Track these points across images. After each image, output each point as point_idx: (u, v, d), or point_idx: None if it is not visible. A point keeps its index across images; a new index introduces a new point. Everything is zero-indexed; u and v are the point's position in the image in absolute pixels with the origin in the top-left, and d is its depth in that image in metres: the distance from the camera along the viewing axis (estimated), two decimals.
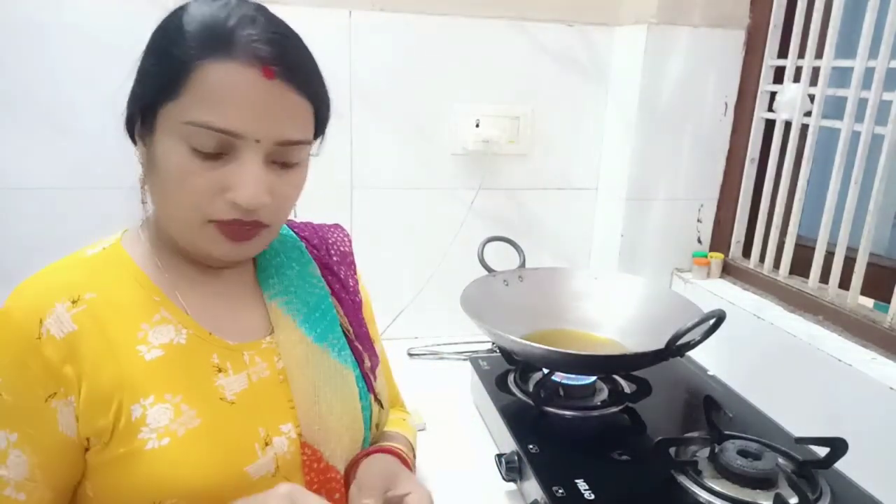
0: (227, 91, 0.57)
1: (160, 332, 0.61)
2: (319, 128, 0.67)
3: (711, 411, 0.89)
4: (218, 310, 0.67)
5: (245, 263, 0.72)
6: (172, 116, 0.57)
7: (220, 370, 0.63)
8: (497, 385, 1.05)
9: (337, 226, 0.87)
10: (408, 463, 0.75)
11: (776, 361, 1.06)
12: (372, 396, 0.75)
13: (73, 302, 0.58)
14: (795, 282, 1.15)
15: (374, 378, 0.77)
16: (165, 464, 0.57)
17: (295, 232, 0.80)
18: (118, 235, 0.67)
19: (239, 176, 0.58)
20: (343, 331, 0.75)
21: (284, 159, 0.62)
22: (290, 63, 0.60)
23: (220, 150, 0.58)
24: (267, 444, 0.63)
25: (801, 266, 1.14)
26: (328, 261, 0.80)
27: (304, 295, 0.73)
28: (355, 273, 0.84)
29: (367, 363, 0.76)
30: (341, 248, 0.84)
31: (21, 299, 0.59)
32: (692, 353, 0.96)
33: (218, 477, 0.59)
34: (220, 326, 0.65)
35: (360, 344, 0.76)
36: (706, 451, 0.86)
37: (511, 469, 0.87)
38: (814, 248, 1.10)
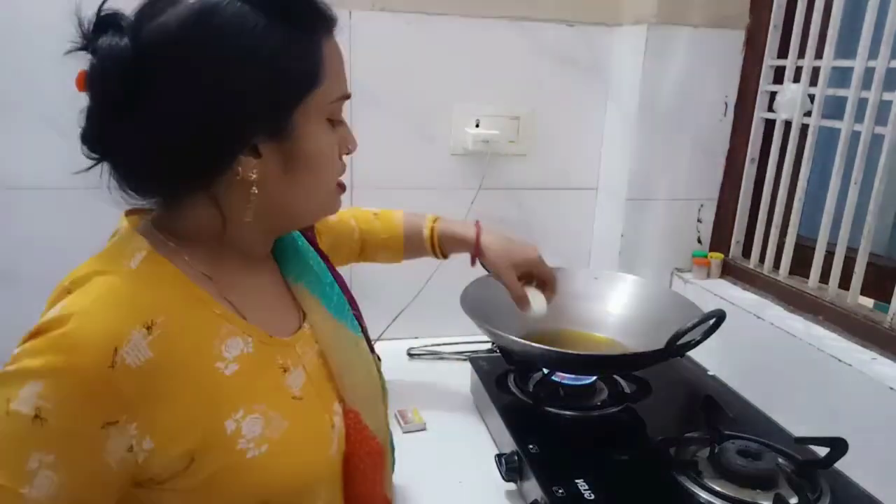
0: (338, 59, 0.62)
1: (231, 345, 0.60)
2: None
3: (711, 411, 0.89)
4: (264, 306, 0.67)
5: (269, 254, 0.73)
6: (319, 102, 0.60)
7: (284, 370, 0.64)
8: (497, 385, 1.05)
9: None
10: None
11: (776, 361, 1.06)
12: (375, 356, 0.80)
13: (148, 329, 0.54)
14: (795, 282, 1.15)
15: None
16: (269, 467, 0.59)
17: None
18: (143, 243, 0.60)
19: (345, 129, 0.67)
20: (345, 301, 0.78)
21: None
22: None
23: (339, 117, 0.65)
24: (332, 427, 0.67)
25: (801, 266, 1.14)
26: (310, 238, 0.81)
27: (315, 271, 0.74)
28: (314, 233, 0.87)
29: (365, 325, 0.81)
30: (307, 235, 0.85)
31: (92, 324, 0.52)
32: (692, 353, 0.96)
33: (312, 467, 0.64)
34: (271, 324, 0.66)
35: (355, 310, 0.80)
36: (706, 451, 0.86)
37: (511, 469, 0.87)
38: (814, 248, 1.10)
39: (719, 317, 0.86)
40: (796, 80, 1.15)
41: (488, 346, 1.30)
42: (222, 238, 0.63)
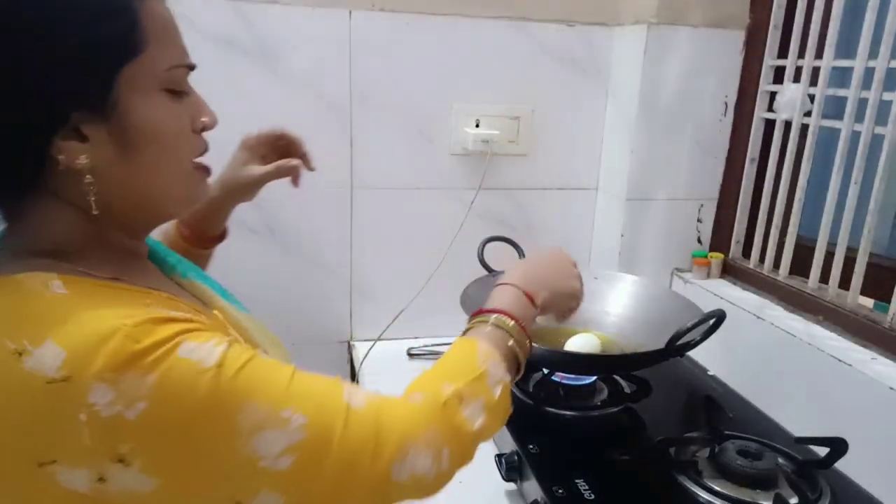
0: (171, 24, 0.56)
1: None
2: None
3: (711, 411, 0.89)
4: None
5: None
6: (145, 71, 0.53)
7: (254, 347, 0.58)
8: None
9: None
10: None
11: (776, 361, 1.06)
12: None
13: None
14: (795, 282, 1.15)
15: None
16: None
17: None
18: (33, 272, 0.50)
19: (197, 101, 0.59)
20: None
21: None
22: None
23: (183, 87, 0.57)
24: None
25: (801, 266, 1.14)
26: None
27: (190, 265, 0.70)
28: None
29: None
30: None
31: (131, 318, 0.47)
32: (692, 353, 0.96)
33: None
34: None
35: None
36: (706, 451, 0.86)
37: (511, 469, 0.87)
38: (814, 248, 1.10)
39: (719, 317, 0.86)
40: (796, 80, 1.15)
41: None
42: (100, 239, 0.56)
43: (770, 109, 1.22)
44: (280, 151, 0.91)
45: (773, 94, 1.21)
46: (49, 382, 0.44)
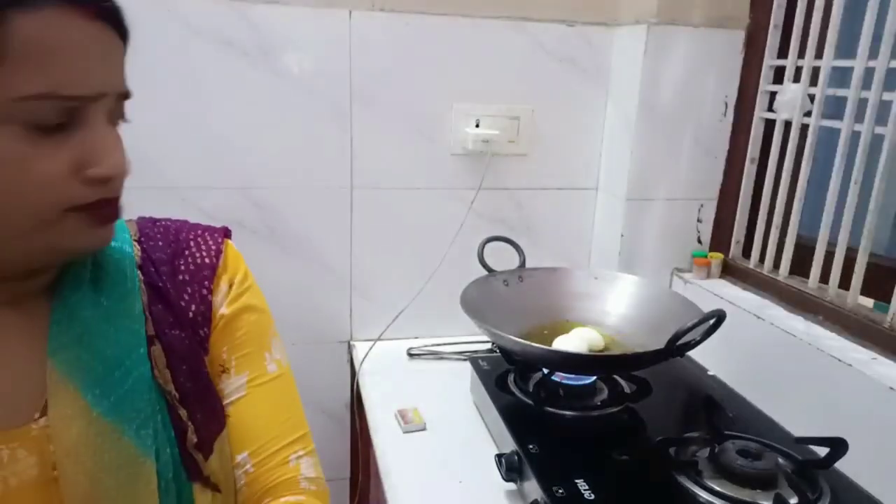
0: (54, 45, 0.44)
1: None
2: None
3: (711, 411, 0.89)
4: None
5: (36, 303, 0.53)
6: None
7: None
8: (497, 385, 1.05)
9: (216, 230, 0.66)
10: None
11: (776, 361, 1.06)
12: (197, 485, 0.57)
13: None
14: (795, 282, 1.15)
15: (209, 453, 0.58)
16: None
17: (141, 241, 0.60)
18: None
19: (95, 143, 0.48)
20: (162, 393, 0.56)
21: (119, 117, 0.51)
22: None
23: (63, 120, 0.46)
24: None
25: (801, 266, 1.14)
26: (163, 284, 0.59)
27: (101, 345, 0.53)
28: (210, 291, 0.62)
29: (194, 438, 0.57)
30: (198, 261, 0.62)
31: None
32: (692, 353, 0.96)
33: None
34: None
35: (186, 410, 0.57)
36: (706, 451, 0.86)
37: (511, 469, 0.87)
38: (814, 248, 1.10)
39: (719, 317, 0.86)
40: (796, 80, 1.15)
41: (488, 346, 1.30)
42: None
43: (770, 109, 1.22)
44: None
45: (773, 94, 1.21)
46: None
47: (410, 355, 1.31)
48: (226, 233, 0.67)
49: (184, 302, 0.60)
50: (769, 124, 1.23)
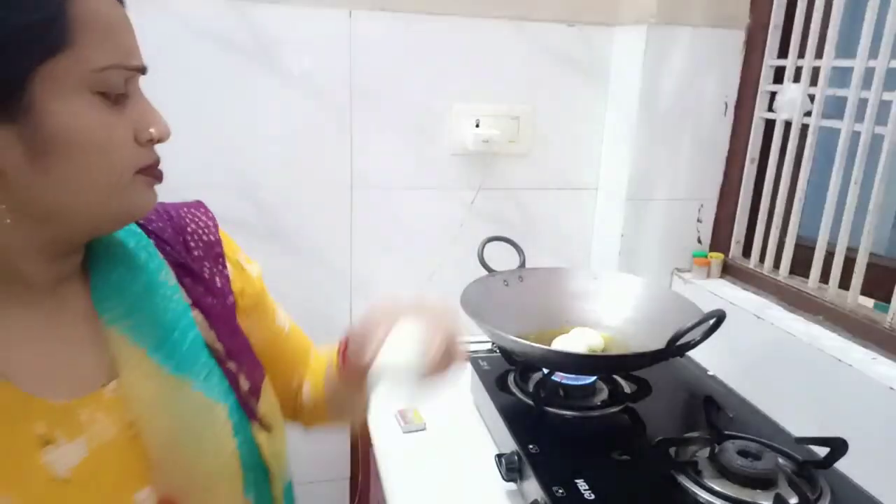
0: (112, 20, 0.49)
1: None
2: None
3: (711, 411, 0.89)
4: (38, 355, 0.52)
5: (74, 281, 0.56)
6: (72, 70, 0.47)
7: (47, 442, 0.49)
8: (497, 385, 1.05)
9: (197, 204, 0.70)
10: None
11: (776, 361, 1.06)
12: (255, 424, 0.62)
13: None
14: (795, 282, 1.15)
15: (258, 398, 0.64)
16: None
17: (142, 224, 0.63)
18: None
19: (144, 110, 0.53)
20: (210, 351, 0.61)
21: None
22: None
23: (126, 90, 0.51)
24: None
25: (801, 266, 1.14)
26: (185, 260, 0.64)
27: (154, 313, 0.58)
28: (225, 265, 0.68)
29: (246, 385, 0.63)
30: (204, 238, 0.67)
31: None
32: (692, 353, 0.96)
33: None
34: (47, 379, 0.52)
35: (234, 362, 0.63)
36: (706, 451, 0.86)
37: (511, 469, 0.87)
38: (814, 248, 1.10)
39: (719, 317, 0.86)
40: (796, 80, 1.15)
41: (488, 346, 1.30)
42: None
43: (770, 109, 1.22)
44: None
45: (773, 94, 1.21)
46: None
47: None
48: (203, 206, 0.71)
49: (207, 274, 0.65)
50: (769, 124, 1.23)
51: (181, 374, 0.56)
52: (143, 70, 0.53)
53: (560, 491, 0.78)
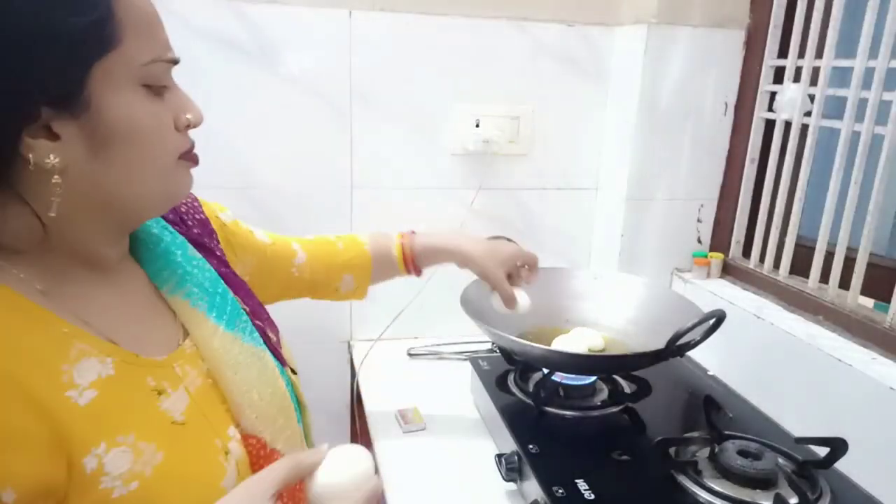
0: (151, 16, 0.54)
1: (84, 368, 0.52)
2: None
3: (711, 411, 0.89)
4: (129, 322, 0.59)
5: (128, 260, 0.64)
6: (121, 66, 0.51)
7: (159, 392, 0.56)
8: (497, 385, 1.05)
9: None
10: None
11: (776, 361, 1.06)
12: (288, 370, 0.72)
13: None
14: (795, 282, 1.15)
15: (281, 348, 0.74)
16: None
17: None
18: None
19: (180, 99, 0.58)
20: (241, 309, 0.69)
21: None
22: None
23: (166, 82, 0.56)
24: (227, 453, 0.59)
25: (801, 266, 1.14)
26: (194, 236, 0.71)
27: (200, 280, 0.66)
28: (218, 241, 0.76)
29: (273, 337, 0.73)
30: (197, 217, 0.74)
31: None
32: (692, 353, 0.96)
33: (200, 501, 0.54)
34: (140, 341, 0.58)
35: (258, 319, 0.71)
36: (706, 451, 0.86)
37: (511, 469, 0.87)
38: (814, 248, 1.10)
39: (719, 317, 0.86)
40: (796, 80, 1.15)
41: (488, 346, 1.30)
42: (50, 244, 0.54)
43: (770, 109, 1.22)
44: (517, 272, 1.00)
45: (773, 94, 1.21)
46: None
47: (410, 355, 1.31)
48: None
49: (212, 246, 0.73)
50: (769, 124, 1.23)
51: (232, 330, 0.65)
52: (177, 61, 0.56)
53: (560, 491, 0.78)
